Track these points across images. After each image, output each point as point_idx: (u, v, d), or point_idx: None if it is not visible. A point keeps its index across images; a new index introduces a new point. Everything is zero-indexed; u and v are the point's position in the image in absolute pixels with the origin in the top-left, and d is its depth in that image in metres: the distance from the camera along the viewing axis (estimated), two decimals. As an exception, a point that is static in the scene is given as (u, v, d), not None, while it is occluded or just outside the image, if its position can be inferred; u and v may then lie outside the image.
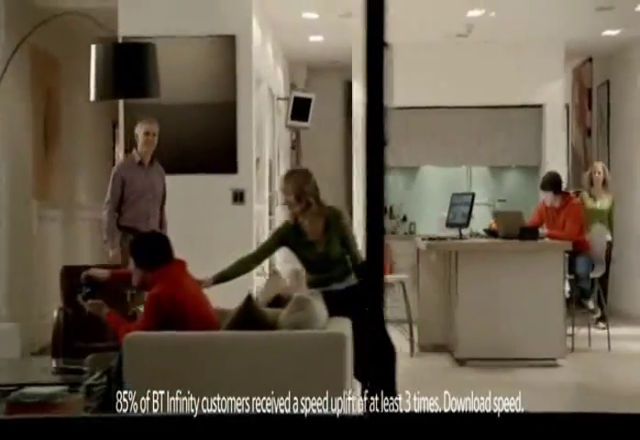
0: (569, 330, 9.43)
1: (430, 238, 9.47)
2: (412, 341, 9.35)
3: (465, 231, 9.73)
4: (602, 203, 10.59)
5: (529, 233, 9.02)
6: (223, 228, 8.52)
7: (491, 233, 9.55)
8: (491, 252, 8.85)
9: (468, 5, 10.07)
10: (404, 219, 12.30)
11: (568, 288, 9.61)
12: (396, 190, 12.42)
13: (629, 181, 12.06)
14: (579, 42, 11.80)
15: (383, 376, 5.76)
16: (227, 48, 8.50)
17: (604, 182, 10.62)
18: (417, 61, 11.89)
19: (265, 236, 8.85)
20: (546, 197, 9.72)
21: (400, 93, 11.78)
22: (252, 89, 8.57)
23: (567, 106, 14.41)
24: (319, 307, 5.15)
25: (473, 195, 9.58)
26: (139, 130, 7.73)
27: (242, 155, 8.53)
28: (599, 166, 10.71)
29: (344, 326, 5.65)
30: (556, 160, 11.83)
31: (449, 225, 9.76)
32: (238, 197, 8.54)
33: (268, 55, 10.03)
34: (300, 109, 10.87)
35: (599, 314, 9.72)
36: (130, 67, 6.19)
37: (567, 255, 9.07)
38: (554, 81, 11.94)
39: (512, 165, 12.39)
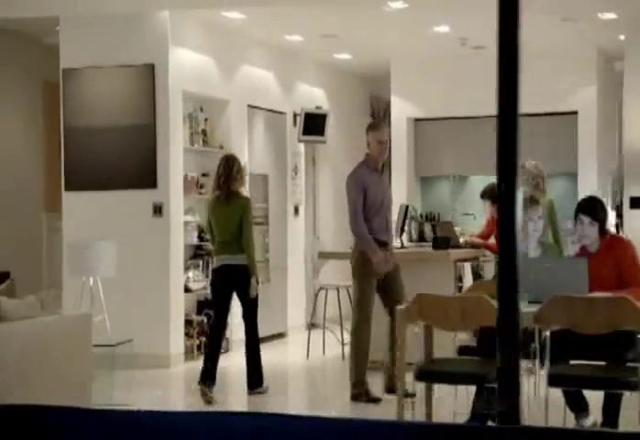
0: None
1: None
2: (343, 344, 9.66)
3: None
4: None
5: (441, 242, 9.07)
6: (144, 239, 9.39)
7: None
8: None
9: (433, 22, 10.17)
10: (453, 227, 12.33)
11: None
12: (444, 198, 12.51)
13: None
14: (608, 47, 11.34)
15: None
16: (148, 75, 9.36)
17: (537, 185, 8.77)
18: (454, 73, 12.01)
19: (181, 245, 9.60)
20: (485, 207, 9.60)
21: (444, 104, 12.01)
22: (169, 112, 9.36)
23: None
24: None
25: (407, 207, 9.70)
26: (371, 138, 7.51)
27: (161, 171, 9.34)
28: (530, 166, 8.79)
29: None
30: (587, 168, 11.42)
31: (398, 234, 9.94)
32: (157, 210, 9.37)
33: (247, 76, 10.69)
34: (314, 125, 11.41)
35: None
36: None
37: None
38: (587, 87, 11.54)
39: (556, 173, 12.05)
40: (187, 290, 9.77)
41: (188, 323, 9.81)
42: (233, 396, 8.53)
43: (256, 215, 10.85)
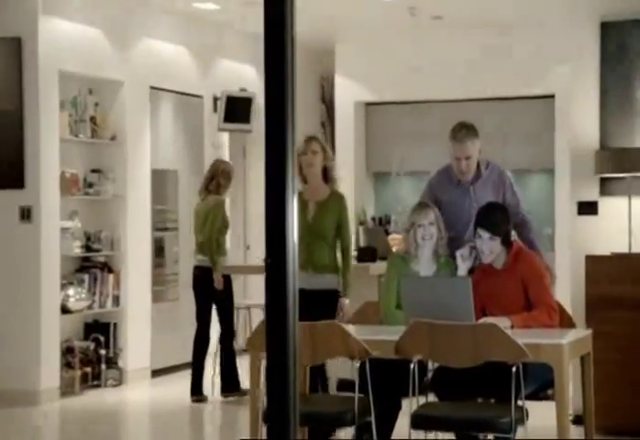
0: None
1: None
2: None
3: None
4: (319, 211, 6.94)
5: (366, 253, 8.47)
6: (9, 249, 8.69)
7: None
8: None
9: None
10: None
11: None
12: (405, 198, 11.81)
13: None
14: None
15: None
16: (13, 51, 8.65)
17: (325, 174, 6.96)
18: (411, 48, 11.34)
19: (56, 256, 8.89)
20: None
21: (400, 85, 11.30)
22: (40, 96, 8.65)
23: None
24: None
25: None
26: (450, 148, 6.45)
27: (30, 168, 8.64)
28: (314, 145, 6.93)
29: None
30: (565, 163, 10.61)
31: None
32: (26, 214, 8.67)
33: (149, 52, 9.98)
34: (238, 110, 10.74)
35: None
36: None
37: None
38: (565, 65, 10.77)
39: (532, 168, 11.32)
40: (66, 310, 9.06)
41: (69, 350, 9.12)
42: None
43: (164, 219, 10.24)
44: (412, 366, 5.14)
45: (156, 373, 9.91)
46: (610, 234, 7.80)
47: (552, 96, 10.85)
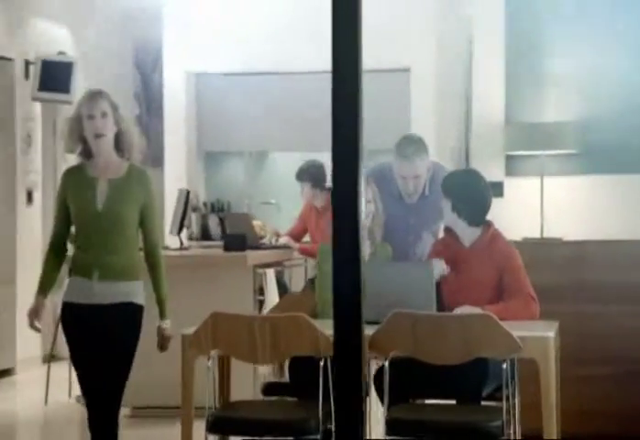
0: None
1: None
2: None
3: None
4: (114, 193, 5.08)
5: (235, 241, 7.83)
6: None
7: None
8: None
9: None
10: (249, 220, 11.01)
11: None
12: (238, 183, 11.23)
13: None
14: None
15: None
16: None
17: (119, 142, 5.10)
18: (245, 15, 10.65)
19: None
20: (305, 191, 8.65)
21: (237, 53, 10.54)
22: None
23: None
24: None
25: (188, 193, 8.31)
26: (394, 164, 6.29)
27: None
28: (103, 103, 4.99)
29: None
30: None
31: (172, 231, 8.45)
32: None
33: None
34: (56, 77, 9.78)
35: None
36: None
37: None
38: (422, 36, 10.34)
39: (380, 149, 10.83)
40: None
41: None
42: None
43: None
44: (386, 364, 4.82)
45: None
46: (518, 217, 7.28)
47: (407, 70, 10.39)
